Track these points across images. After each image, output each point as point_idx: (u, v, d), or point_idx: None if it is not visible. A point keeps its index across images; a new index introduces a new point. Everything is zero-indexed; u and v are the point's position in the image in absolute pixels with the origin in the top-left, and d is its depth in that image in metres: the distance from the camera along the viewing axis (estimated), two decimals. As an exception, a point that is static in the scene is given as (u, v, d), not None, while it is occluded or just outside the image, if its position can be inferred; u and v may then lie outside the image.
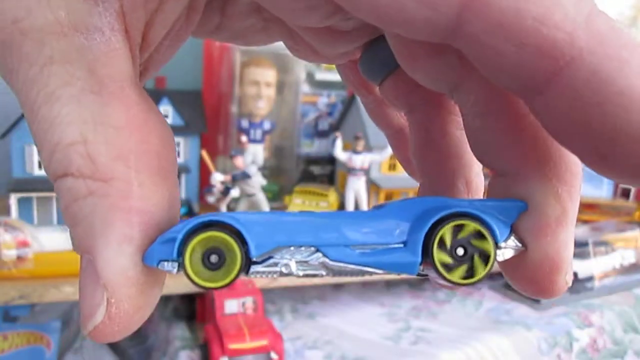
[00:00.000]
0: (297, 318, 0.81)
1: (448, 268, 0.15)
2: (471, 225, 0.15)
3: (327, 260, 0.14)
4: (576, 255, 0.89)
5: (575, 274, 0.87)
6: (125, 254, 0.14)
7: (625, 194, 1.37)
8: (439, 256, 0.14)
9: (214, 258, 0.14)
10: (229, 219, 0.14)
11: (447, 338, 0.74)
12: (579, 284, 0.88)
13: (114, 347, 0.71)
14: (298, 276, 0.14)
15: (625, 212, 1.24)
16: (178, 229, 0.14)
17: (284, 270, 0.14)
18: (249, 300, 0.70)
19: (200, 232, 0.14)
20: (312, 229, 0.15)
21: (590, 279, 0.89)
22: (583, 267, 0.88)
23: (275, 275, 0.14)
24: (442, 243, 0.15)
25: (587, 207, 1.25)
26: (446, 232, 0.15)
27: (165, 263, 0.14)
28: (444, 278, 0.14)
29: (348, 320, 0.80)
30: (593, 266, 0.89)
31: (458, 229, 0.15)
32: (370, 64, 0.20)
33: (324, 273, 0.15)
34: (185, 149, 0.91)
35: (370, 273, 0.15)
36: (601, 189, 1.35)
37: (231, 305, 0.70)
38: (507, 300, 0.87)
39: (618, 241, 0.95)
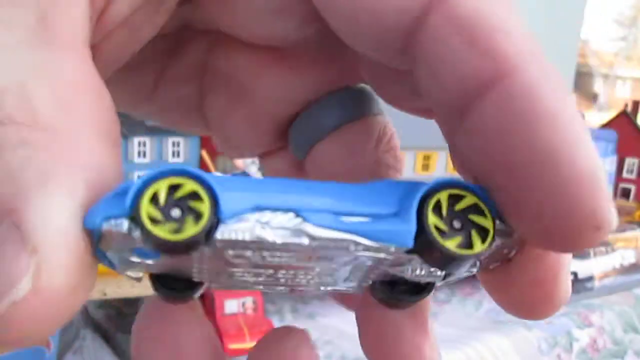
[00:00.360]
0: (297, 318, 0.81)
1: (443, 235, 0.13)
2: (469, 198, 0.13)
3: (309, 225, 0.12)
4: (576, 255, 0.89)
5: (575, 274, 0.87)
6: (66, 209, 0.11)
7: (625, 194, 1.37)
8: (434, 220, 0.13)
9: (175, 212, 0.12)
10: (197, 170, 0.12)
11: (447, 338, 0.74)
12: (579, 284, 0.88)
13: (114, 346, 0.71)
14: (274, 244, 0.12)
15: (626, 212, 1.24)
16: (131, 182, 0.12)
17: (258, 233, 0.12)
18: (249, 300, 0.70)
19: (163, 179, 0.12)
20: (293, 193, 0.13)
21: (590, 279, 0.89)
22: (583, 267, 0.88)
23: (246, 237, 0.12)
24: (437, 211, 0.13)
25: (587, 207, 1.25)
26: (442, 198, 0.13)
27: (112, 220, 0.11)
28: (438, 245, 0.13)
29: (348, 320, 0.79)
30: (593, 266, 0.89)
31: (454, 200, 0.13)
32: (305, 125, 0.19)
33: (305, 242, 0.12)
34: (185, 149, 0.91)
35: (358, 244, 0.13)
36: (601, 189, 1.35)
37: (231, 305, 0.70)
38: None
39: (618, 241, 0.95)
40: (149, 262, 0.12)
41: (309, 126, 0.19)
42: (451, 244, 0.13)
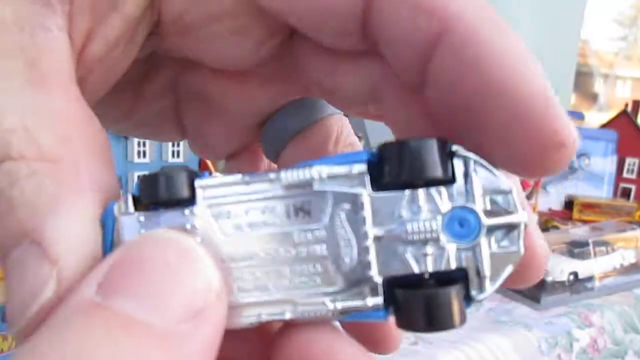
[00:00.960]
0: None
1: None
2: None
3: (274, 172, 0.14)
4: (576, 256, 0.89)
5: (575, 274, 0.87)
6: (78, 224, 0.13)
7: (626, 194, 1.37)
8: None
9: None
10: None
11: (447, 338, 0.74)
12: (579, 284, 0.88)
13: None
14: (244, 180, 0.14)
15: (626, 212, 1.24)
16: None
17: (230, 177, 0.14)
18: None
19: None
20: None
21: (590, 279, 0.89)
22: (583, 267, 0.88)
23: (219, 180, 0.14)
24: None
25: (587, 207, 1.25)
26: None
27: (121, 201, 0.14)
28: (402, 140, 0.14)
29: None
30: (593, 266, 0.89)
31: None
32: (272, 131, 0.21)
33: (272, 176, 0.14)
34: (185, 149, 0.91)
35: (321, 170, 0.14)
36: (601, 189, 1.35)
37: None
38: (507, 300, 0.87)
39: (618, 241, 0.95)
40: None
41: (275, 132, 0.21)
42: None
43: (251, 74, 0.20)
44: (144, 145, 0.88)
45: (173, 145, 0.89)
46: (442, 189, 0.14)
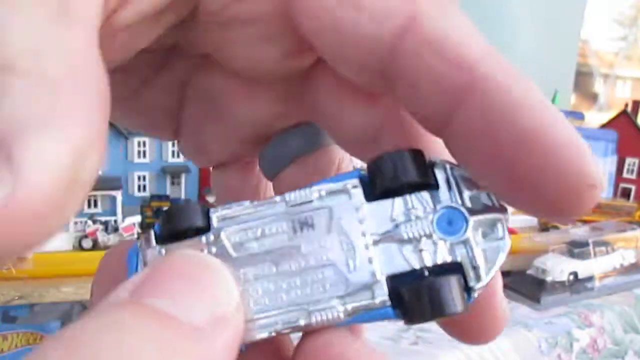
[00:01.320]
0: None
1: None
2: None
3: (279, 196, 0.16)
4: (576, 256, 0.89)
5: (575, 274, 0.87)
6: (62, 150, 0.12)
7: (626, 194, 1.37)
8: None
9: None
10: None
11: (447, 338, 0.74)
12: (579, 284, 0.88)
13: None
14: (254, 204, 0.16)
15: (626, 212, 1.24)
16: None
17: (241, 204, 0.16)
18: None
19: None
20: None
21: (590, 279, 0.89)
22: (583, 267, 0.88)
23: (231, 207, 0.15)
24: None
25: (587, 207, 1.25)
26: None
27: (143, 237, 0.16)
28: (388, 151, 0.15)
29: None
30: (593, 266, 0.89)
31: None
32: (278, 148, 0.22)
33: (277, 199, 0.15)
34: (185, 149, 0.91)
35: (320, 187, 0.15)
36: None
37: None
38: (507, 300, 0.87)
39: (618, 241, 0.95)
40: None
41: (278, 152, 0.22)
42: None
43: (263, 86, 0.20)
44: (144, 145, 0.88)
45: (173, 145, 0.89)
46: (428, 193, 0.15)
